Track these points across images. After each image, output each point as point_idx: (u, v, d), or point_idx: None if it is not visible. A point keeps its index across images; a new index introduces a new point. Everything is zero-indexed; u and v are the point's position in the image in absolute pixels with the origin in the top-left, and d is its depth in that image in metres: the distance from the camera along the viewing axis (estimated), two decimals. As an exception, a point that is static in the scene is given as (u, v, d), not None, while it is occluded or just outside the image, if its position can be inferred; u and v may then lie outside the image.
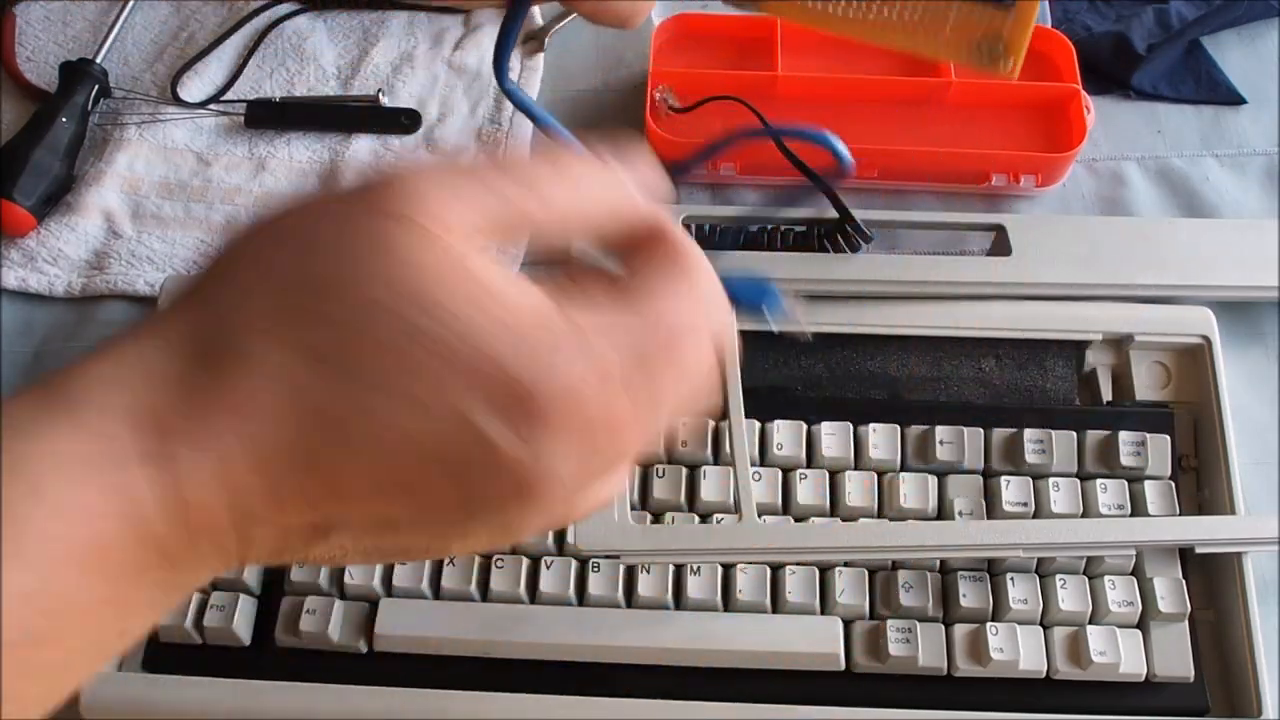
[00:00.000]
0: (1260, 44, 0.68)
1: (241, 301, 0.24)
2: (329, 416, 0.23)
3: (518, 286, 0.24)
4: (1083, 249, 0.55)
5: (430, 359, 0.23)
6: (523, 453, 0.23)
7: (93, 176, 0.63)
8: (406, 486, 0.24)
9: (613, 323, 0.24)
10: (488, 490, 0.24)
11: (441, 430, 0.23)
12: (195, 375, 0.23)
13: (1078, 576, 0.50)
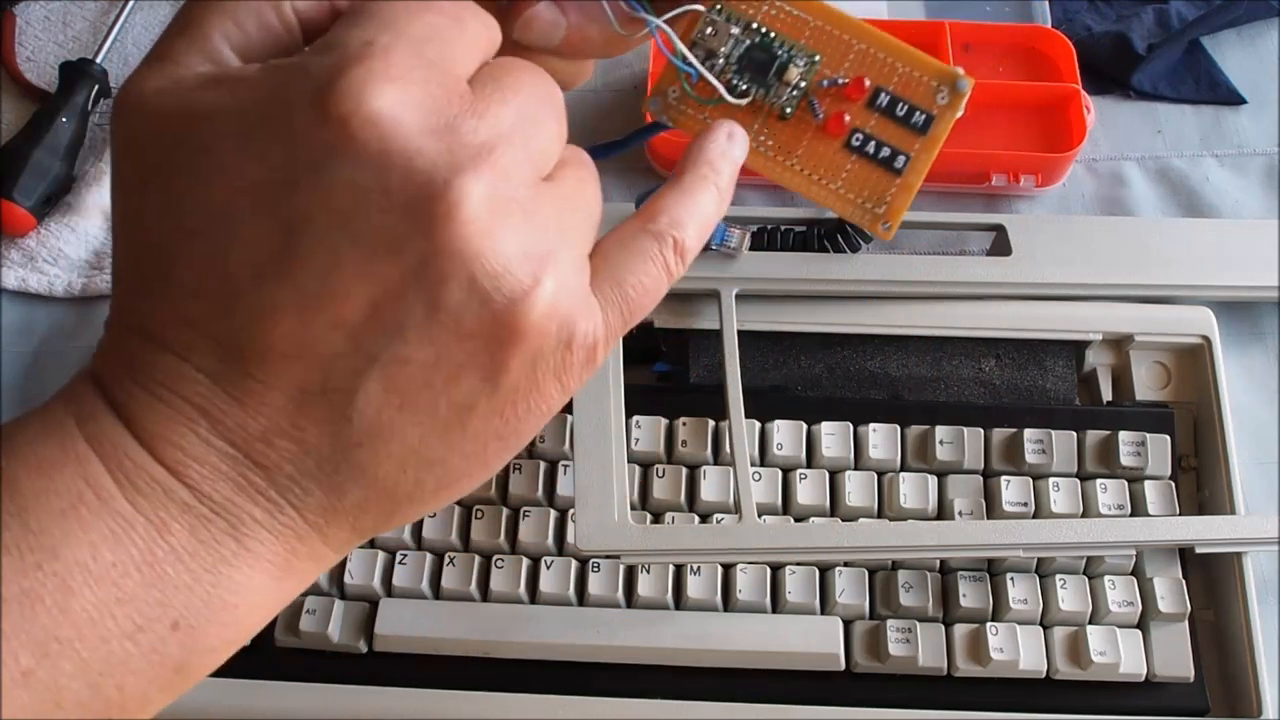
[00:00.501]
0: (1260, 44, 0.68)
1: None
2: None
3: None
4: (1083, 249, 0.55)
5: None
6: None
7: (93, 176, 0.63)
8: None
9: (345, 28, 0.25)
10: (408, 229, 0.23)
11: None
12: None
13: (1078, 576, 0.50)
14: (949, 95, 0.31)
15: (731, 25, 0.30)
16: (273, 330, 0.23)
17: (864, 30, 0.31)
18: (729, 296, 0.52)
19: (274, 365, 0.24)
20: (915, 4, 0.69)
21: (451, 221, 0.23)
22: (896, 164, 0.31)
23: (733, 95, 0.30)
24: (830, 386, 0.54)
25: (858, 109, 0.31)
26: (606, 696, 0.47)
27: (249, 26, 0.25)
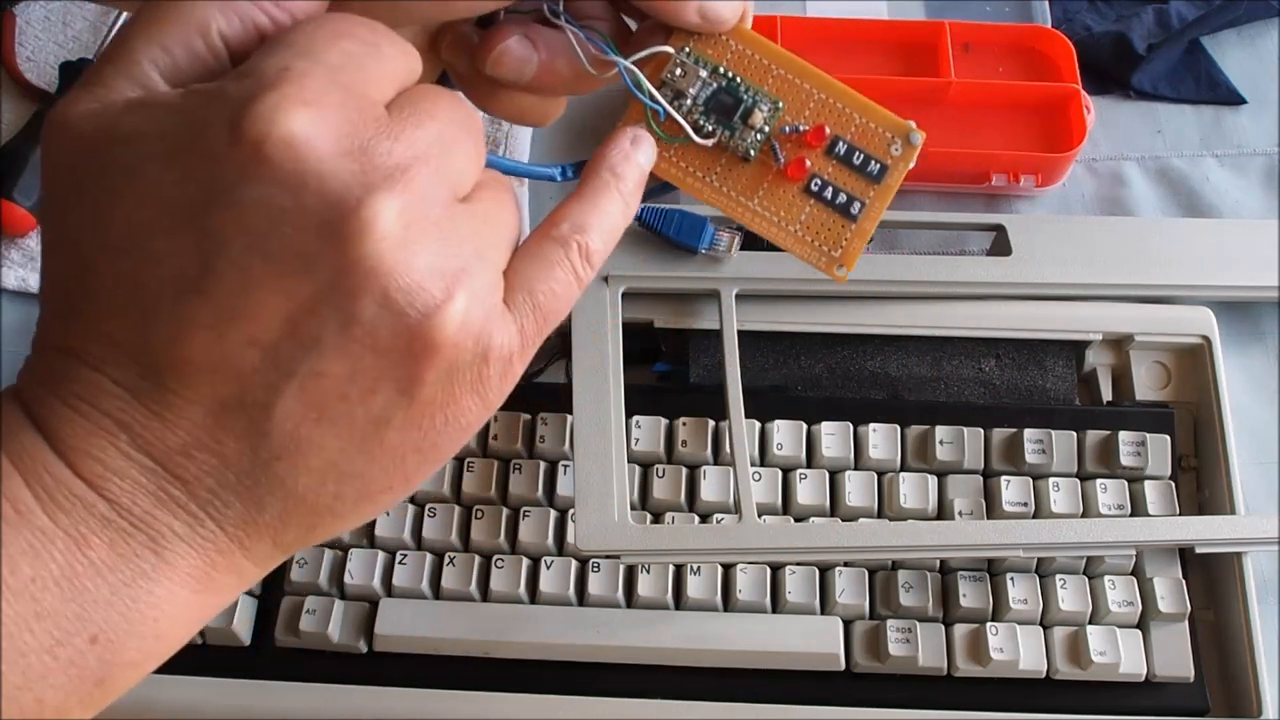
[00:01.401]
0: (1260, 44, 0.68)
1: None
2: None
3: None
4: (1083, 249, 0.55)
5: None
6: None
7: (93, 176, 0.63)
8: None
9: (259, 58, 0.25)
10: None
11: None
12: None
13: (1078, 576, 0.50)
14: (902, 147, 0.32)
15: (699, 68, 0.31)
16: (190, 345, 0.24)
17: (824, 80, 0.32)
18: (729, 296, 0.52)
19: (191, 379, 0.24)
20: (915, 4, 0.69)
21: (364, 238, 0.24)
22: (852, 210, 0.32)
23: (699, 135, 0.31)
24: (830, 386, 0.54)
25: (817, 155, 0.32)
26: (606, 696, 0.47)
27: (177, 53, 0.26)
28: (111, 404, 0.24)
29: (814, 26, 0.66)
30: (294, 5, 0.27)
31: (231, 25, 0.26)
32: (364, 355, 0.25)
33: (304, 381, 0.25)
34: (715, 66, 0.32)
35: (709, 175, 0.32)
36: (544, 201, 0.62)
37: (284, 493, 0.26)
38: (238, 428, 0.25)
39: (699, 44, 0.31)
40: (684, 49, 0.31)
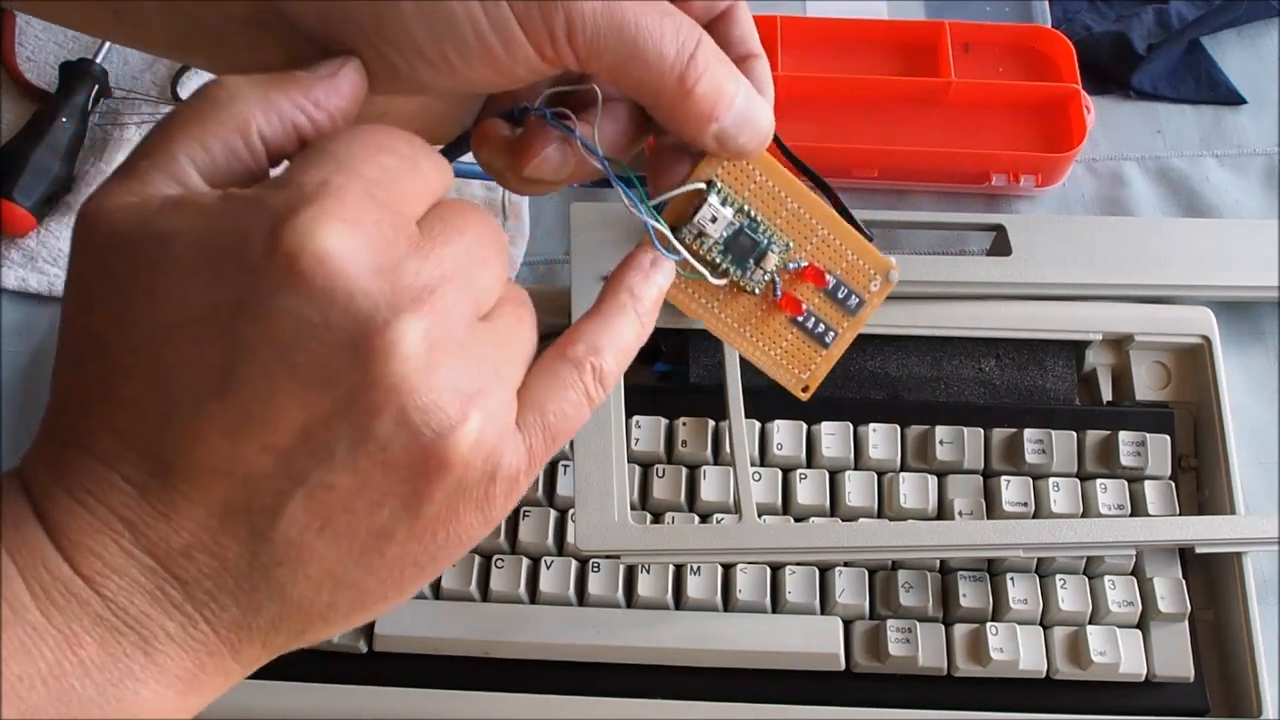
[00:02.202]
0: (1260, 44, 0.68)
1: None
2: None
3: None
4: (1083, 249, 0.55)
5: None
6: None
7: (93, 176, 0.63)
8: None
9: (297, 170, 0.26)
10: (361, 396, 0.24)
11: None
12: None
13: (1078, 576, 0.50)
14: (880, 284, 0.34)
15: (726, 208, 0.32)
16: (205, 448, 0.24)
17: (827, 215, 0.33)
18: (729, 296, 0.52)
19: (202, 481, 0.24)
20: (915, 4, 0.69)
21: (388, 358, 0.24)
22: (826, 339, 0.34)
23: (714, 274, 0.32)
24: (830, 386, 0.54)
25: (809, 290, 0.34)
26: (606, 696, 0.47)
27: (216, 151, 0.26)
28: (118, 500, 0.24)
29: (814, 26, 0.66)
30: (333, 107, 0.27)
31: (271, 126, 0.27)
32: (374, 470, 0.25)
33: (312, 491, 0.25)
34: (740, 205, 0.32)
35: (711, 303, 0.34)
36: (542, 203, 0.62)
37: (280, 598, 0.26)
38: (241, 532, 0.25)
39: (726, 175, 0.32)
40: (714, 185, 0.32)
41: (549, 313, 0.54)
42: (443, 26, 0.27)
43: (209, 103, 0.26)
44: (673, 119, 0.30)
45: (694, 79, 0.28)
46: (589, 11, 0.27)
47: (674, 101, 0.29)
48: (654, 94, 0.29)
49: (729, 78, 0.29)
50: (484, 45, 0.27)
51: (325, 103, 0.27)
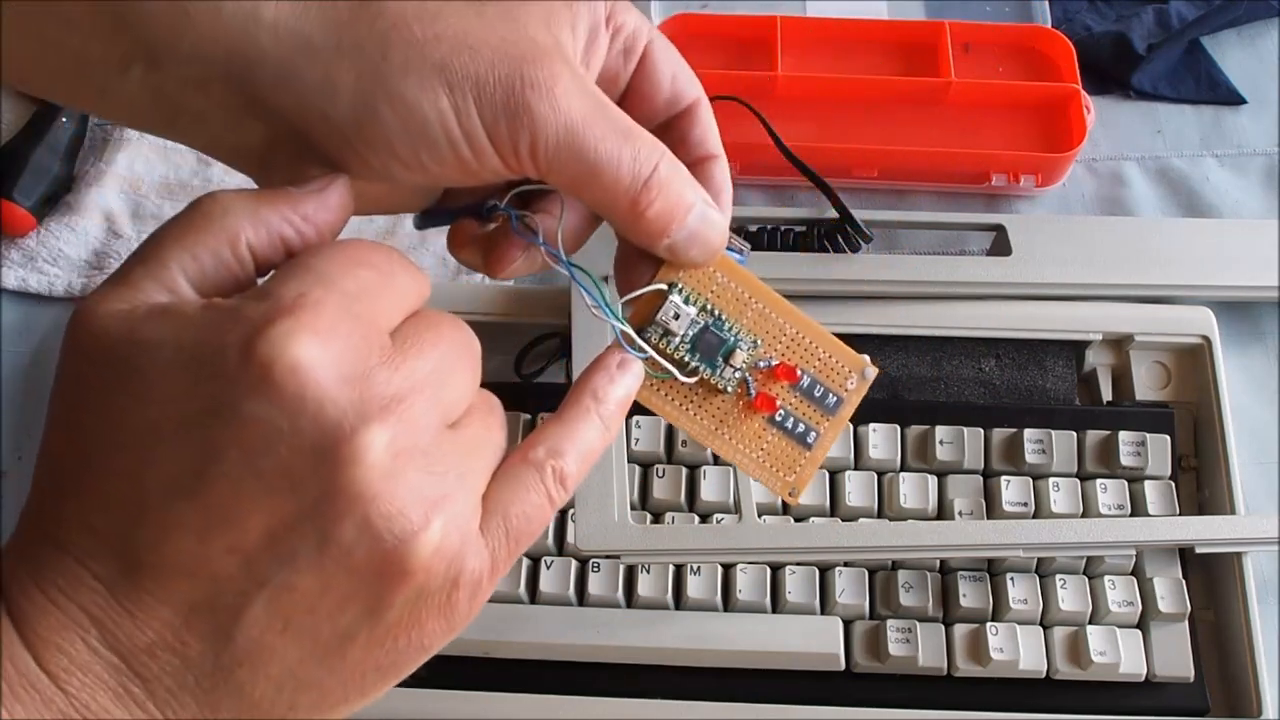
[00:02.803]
0: (1260, 44, 0.68)
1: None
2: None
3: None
4: (1083, 249, 0.55)
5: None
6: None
7: (93, 176, 0.63)
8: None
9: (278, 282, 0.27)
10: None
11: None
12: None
13: (1078, 576, 0.50)
14: (857, 381, 0.34)
15: (689, 307, 0.33)
16: (172, 546, 0.25)
17: (794, 315, 0.34)
18: (729, 296, 0.52)
19: (169, 580, 0.25)
20: (915, 4, 0.69)
21: (353, 466, 0.25)
22: (809, 439, 0.34)
23: (683, 373, 0.33)
24: (830, 386, 0.54)
25: (783, 389, 0.34)
26: (606, 696, 0.47)
27: (205, 260, 0.27)
28: (88, 598, 0.25)
29: (814, 26, 0.66)
30: (320, 220, 0.28)
31: (259, 237, 0.28)
32: (337, 574, 0.25)
33: (276, 592, 0.25)
34: (704, 304, 0.33)
35: (686, 405, 0.34)
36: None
37: (240, 697, 0.26)
38: (205, 630, 0.25)
39: (689, 276, 0.33)
40: (676, 285, 0.33)
41: (549, 313, 0.54)
42: (418, 133, 0.28)
43: (201, 215, 0.27)
44: (627, 234, 0.31)
45: (647, 203, 0.29)
46: (553, 133, 0.28)
47: (627, 221, 0.30)
48: (609, 211, 0.30)
49: (684, 197, 0.30)
50: (455, 152, 0.28)
51: (313, 217, 0.28)
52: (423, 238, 0.61)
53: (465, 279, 0.60)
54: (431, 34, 0.28)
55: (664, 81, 0.33)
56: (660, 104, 0.33)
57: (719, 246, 0.32)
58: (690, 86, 0.33)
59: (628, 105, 0.33)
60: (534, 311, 0.54)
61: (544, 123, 0.28)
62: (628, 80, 0.33)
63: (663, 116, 0.33)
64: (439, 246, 0.61)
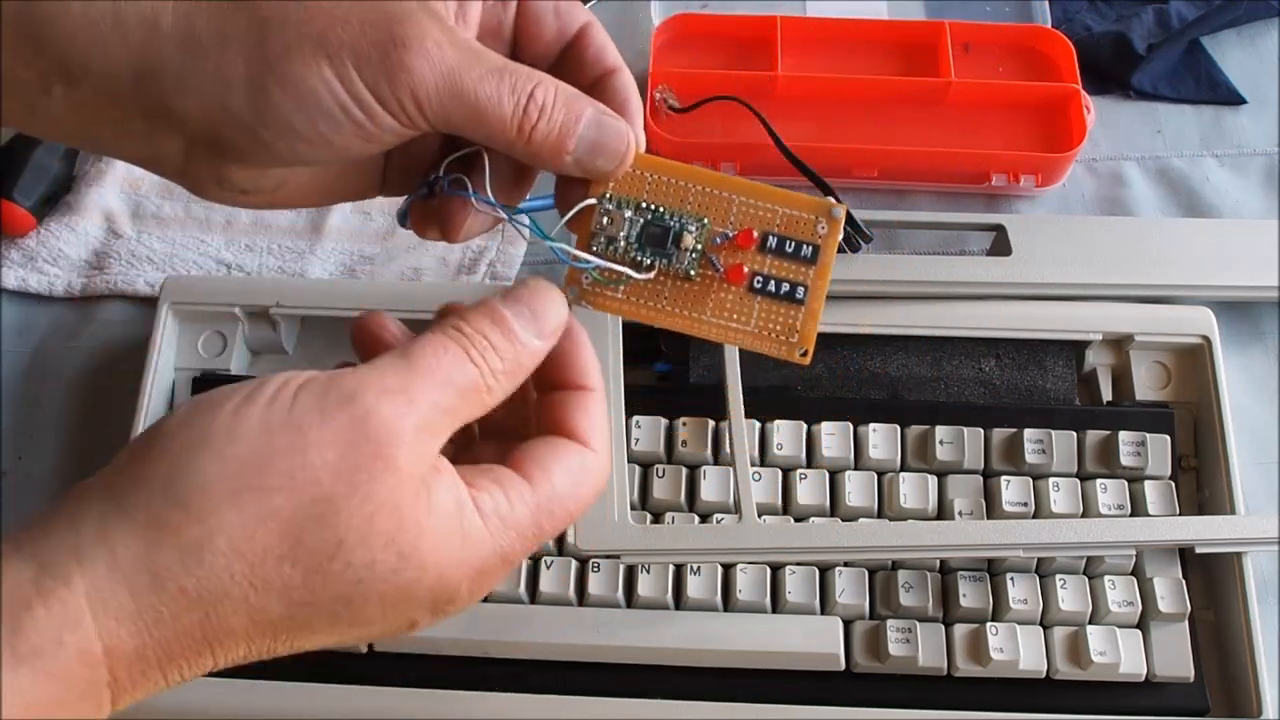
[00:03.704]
0: (1260, 44, 0.68)
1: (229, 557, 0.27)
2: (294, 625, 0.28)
3: (463, 513, 0.29)
4: (1083, 249, 0.55)
5: (410, 599, 0.29)
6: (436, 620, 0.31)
7: (93, 176, 0.63)
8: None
9: (521, 517, 0.31)
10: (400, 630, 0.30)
11: (395, 627, 0.30)
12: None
13: (1078, 576, 0.50)
14: (827, 224, 0.34)
15: (623, 211, 0.34)
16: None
17: (739, 184, 0.34)
18: (729, 296, 0.52)
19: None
20: (915, 4, 0.69)
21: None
22: (797, 295, 0.34)
23: (640, 272, 0.34)
24: (830, 386, 0.54)
25: (751, 255, 0.34)
26: (606, 696, 0.47)
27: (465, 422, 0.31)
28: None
29: (814, 26, 0.66)
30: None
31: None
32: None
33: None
34: (637, 203, 0.34)
35: (660, 302, 0.34)
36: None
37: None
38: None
39: (616, 186, 0.34)
40: (604, 195, 0.34)
41: (549, 313, 0.54)
42: (311, 107, 0.30)
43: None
44: (532, 161, 0.32)
45: (531, 126, 0.31)
46: (431, 83, 0.30)
47: (522, 149, 0.31)
48: (505, 144, 0.31)
49: (572, 111, 0.32)
50: (350, 117, 0.30)
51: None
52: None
53: (465, 279, 0.60)
54: (305, 14, 0.29)
55: (547, 18, 0.34)
56: (550, 39, 0.34)
57: (623, 150, 0.33)
58: (574, 14, 0.35)
59: (520, 49, 0.35)
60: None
61: (421, 76, 0.29)
62: (511, 27, 0.34)
63: (557, 49, 0.35)
64: (439, 247, 0.61)
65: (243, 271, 0.60)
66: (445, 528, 0.29)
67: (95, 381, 0.58)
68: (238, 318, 0.55)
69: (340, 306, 0.55)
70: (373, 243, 0.61)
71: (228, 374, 0.55)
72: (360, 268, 0.61)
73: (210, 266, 0.61)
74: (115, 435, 0.53)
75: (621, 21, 0.69)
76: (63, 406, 0.57)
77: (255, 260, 0.61)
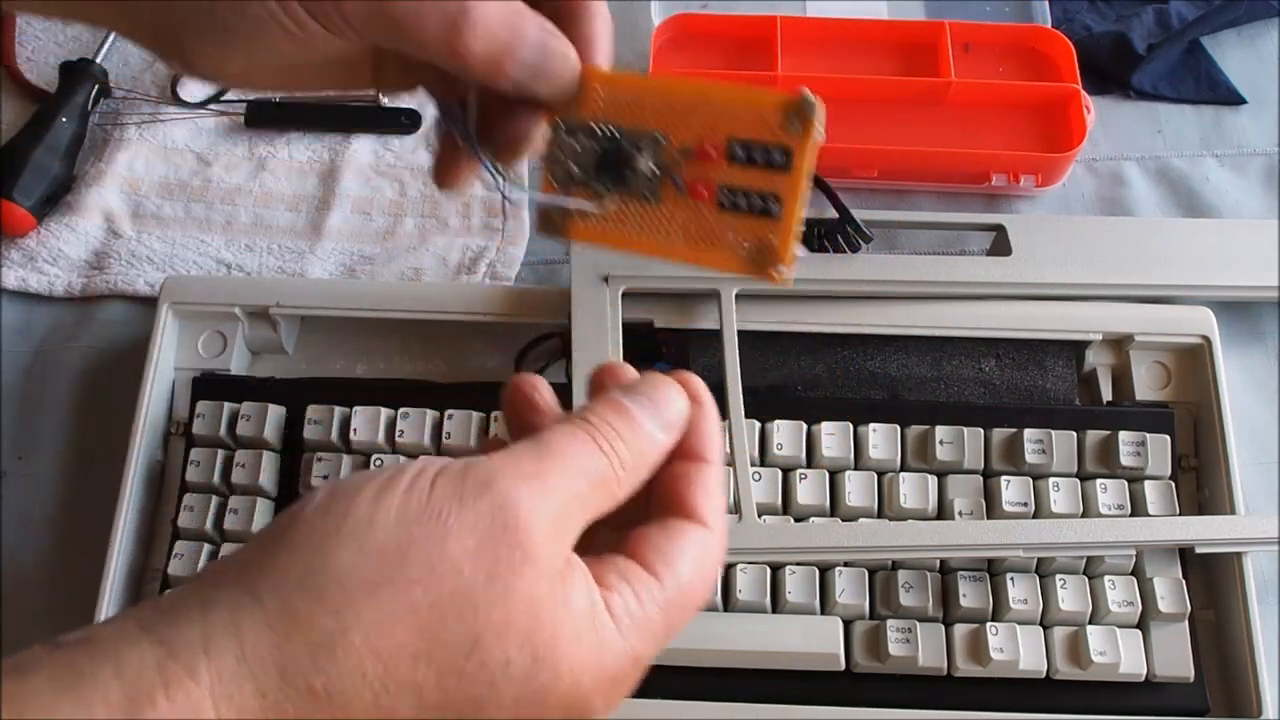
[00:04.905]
0: (1260, 44, 0.68)
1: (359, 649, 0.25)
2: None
3: (595, 615, 0.28)
4: (1083, 249, 0.55)
5: (543, 706, 0.27)
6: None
7: (93, 176, 0.63)
8: None
9: (652, 616, 0.30)
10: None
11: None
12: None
13: (1078, 576, 0.50)
14: (799, 122, 0.31)
15: (574, 139, 0.31)
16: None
17: (696, 89, 0.31)
18: (729, 296, 0.52)
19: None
20: (915, 4, 0.69)
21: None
22: (771, 210, 0.31)
23: (600, 203, 0.32)
24: (830, 386, 0.54)
25: (721, 168, 0.31)
26: (606, 696, 0.47)
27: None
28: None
29: (814, 26, 0.66)
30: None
31: None
32: None
33: None
34: (590, 127, 0.31)
35: (628, 228, 0.32)
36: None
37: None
38: None
39: (566, 111, 0.31)
40: (557, 124, 0.32)
41: (549, 313, 0.54)
42: (242, 9, 0.30)
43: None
44: (472, 78, 0.30)
45: (465, 46, 0.29)
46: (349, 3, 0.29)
47: (456, 65, 0.30)
48: (440, 58, 0.30)
49: (514, 32, 0.30)
50: (280, 25, 0.30)
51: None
52: (422, 237, 0.61)
53: (465, 278, 0.60)
54: None
55: None
56: None
57: (567, 78, 0.31)
58: None
59: None
60: (534, 311, 0.54)
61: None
62: None
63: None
64: (439, 246, 0.61)
65: (243, 271, 0.60)
66: (580, 629, 0.28)
67: (95, 381, 0.58)
68: (238, 318, 0.55)
69: (340, 306, 0.55)
70: (373, 243, 0.61)
71: (228, 374, 0.55)
72: (360, 268, 0.61)
73: (210, 266, 0.61)
74: (115, 435, 0.53)
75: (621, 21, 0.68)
76: (63, 406, 0.57)
77: (255, 260, 0.61)
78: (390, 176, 0.64)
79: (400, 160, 0.64)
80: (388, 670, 0.25)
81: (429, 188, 0.63)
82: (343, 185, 0.63)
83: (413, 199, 0.63)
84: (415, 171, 0.64)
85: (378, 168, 0.64)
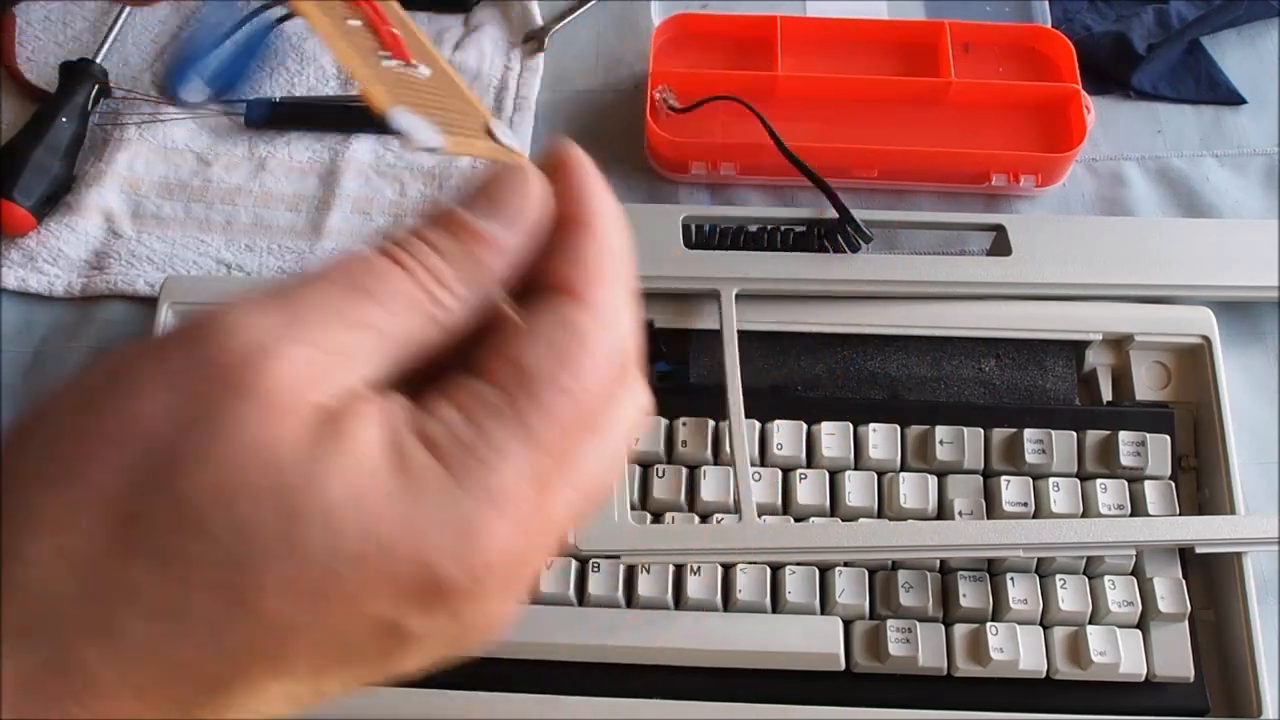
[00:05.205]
0: (1260, 44, 0.68)
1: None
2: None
3: (405, 458, 0.21)
4: (1083, 249, 0.55)
5: (341, 581, 0.21)
6: (447, 625, 0.22)
7: (93, 176, 0.63)
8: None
9: (491, 433, 0.22)
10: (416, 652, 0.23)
11: (357, 637, 0.21)
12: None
13: (1078, 576, 0.50)
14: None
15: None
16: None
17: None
18: (729, 296, 0.52)
19: None
20: (915, 4, 0.69)
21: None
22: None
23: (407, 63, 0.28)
24: (830, 386, 0.54)
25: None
26: (606, 696, 0.47)
27: None
28: None
29: (814, 26, 0.66)
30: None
31: None
32: None
33: None
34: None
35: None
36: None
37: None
38: None
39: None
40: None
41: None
42: None
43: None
44: None
45: None
46: None
47: None
48: None
49: None
50: None
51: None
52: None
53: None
54: None
55: None
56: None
57: None
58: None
59: None
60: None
61: None
62: None
63: None
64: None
65: (243, 271, 0.60)
66: (369, 473, 0.21)
67: (95, 381, 0.58)
68: (238, 318, 0.55)
69: (340, 306, 0.55)
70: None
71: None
72: (360, 268, 0.60)
73: (210, 266, 0.61)
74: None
75: (621, 21, 0.69)
76: (63, 406, 0.57)
77: (255, 260, 0.61)
78: (390, 177, 0.64)
79: (400, 160, 0.64)
80: (89, 582, 0.20)
81: (429, 188, 0.63)
82: (343, 185, 0.63)
83: (413, 199, 0.63)
84: (415, 171, 0.64)
85: (378, 168, 0.64)
